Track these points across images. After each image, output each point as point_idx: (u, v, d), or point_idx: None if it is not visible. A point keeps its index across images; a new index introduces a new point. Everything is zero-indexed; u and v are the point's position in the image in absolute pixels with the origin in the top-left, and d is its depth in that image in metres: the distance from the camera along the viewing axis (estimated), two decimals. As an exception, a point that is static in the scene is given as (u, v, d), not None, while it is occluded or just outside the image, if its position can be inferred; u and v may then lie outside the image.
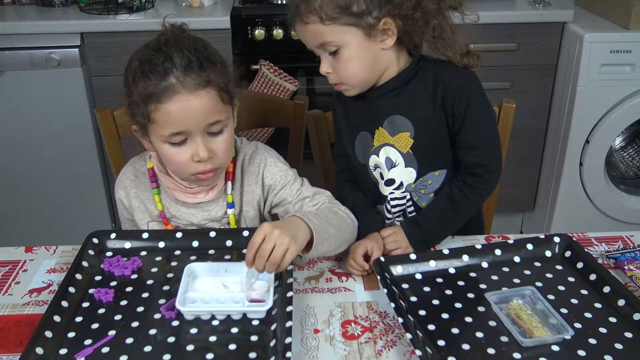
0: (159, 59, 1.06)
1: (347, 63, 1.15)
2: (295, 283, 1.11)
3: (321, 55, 1.17)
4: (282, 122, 1.61)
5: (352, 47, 1.13)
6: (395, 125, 1.22)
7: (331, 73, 1.18)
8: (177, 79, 1.04)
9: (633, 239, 1.26)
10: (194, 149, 1.09)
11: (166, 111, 1.06)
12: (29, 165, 2.39)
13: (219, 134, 1.12)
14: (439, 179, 1.25)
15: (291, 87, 2.27)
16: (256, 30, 2.23)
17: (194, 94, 1.05)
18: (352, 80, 1.18)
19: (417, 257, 1.13)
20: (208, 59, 1.08)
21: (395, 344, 0.98)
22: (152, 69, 1.05)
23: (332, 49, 1.14)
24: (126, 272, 1.10)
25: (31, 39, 2.20)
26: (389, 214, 1.30)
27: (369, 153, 1.27)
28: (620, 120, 2.33)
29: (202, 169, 1.12)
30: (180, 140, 1.09)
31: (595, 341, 0.94)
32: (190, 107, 1.06)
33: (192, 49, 1.07)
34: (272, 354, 0.91)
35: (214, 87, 1.07)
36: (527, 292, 1.03)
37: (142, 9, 2.33)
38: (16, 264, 1.19)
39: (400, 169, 1.25)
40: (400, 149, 1.23)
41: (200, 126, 1.08)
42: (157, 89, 1.05)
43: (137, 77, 1.07)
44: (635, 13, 2.19)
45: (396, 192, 1.27)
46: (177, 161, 1.12)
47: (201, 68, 1.06)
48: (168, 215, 1.24)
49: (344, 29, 1.11)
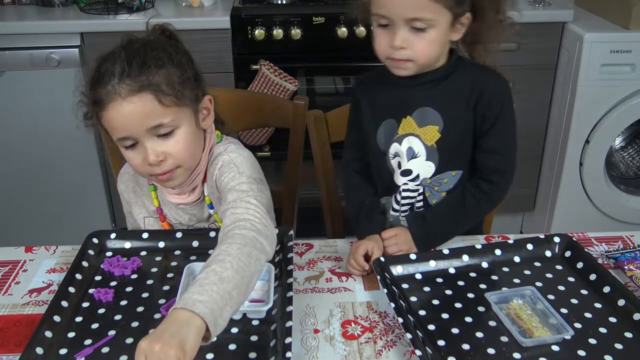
0: (103, 67, 1.07)
1: (430, 44, 1.14)
2: (295, 283, 1.11)
3: (397, 28, 1.12)
4: (282, 122, 1.61)
5: (440, 30, 1.13)
6: (425, 117, 1.22)
7: (406, 49, 1.14)
8: (113, 87, 1.05)
9: (633, 239, 1.26)
10: (144, 153, 1.09)
11: (107, 118, 1.08)
12: (29, 165, 2.39)
13: (169, 136, 1.10)
14: (454, 179, 1.25)
15: (291, 87, 2.27)
16: (256, 30, 2.23)
17: (127, 100, 1.05)
18: (424, 61, 1.17)
19: (417, 257, 1.13)
20: (147, 62, 1.06)
21: (395, 344, 0.98)
22: (96, 77, 1.08)
23: (421, 26, 1.11)
24: (126, 272, 1.10)
25: (31, 39, 2.20)
26: (397, 205, 1.29)
27: (392, 141, 1.26)
28: (620, 120, 2.33)
29: (157, 172, 1.11)
30: (130, 144, 1.10)
31: (595, 341, 0.94)
32: (125, 113, 1.06)
33: (134, 54, 1.07)
34: (272, 354, 0.91)
35: (149, 91, 1.05)
36: (527, 292, 1.03)
37: (142, 9, 2.32)
38: (16, 264, 1.19)
39: (420, 161, 1.24)
40: (425, 141, 1.23)
41: (142, 130, 1.07)
42: (98, 97, 1.07)
43: (87, 85, 1.10)
44: (635, 13, 2.19)
45: (410, 184, 1.26)
46: (133, 164, 1.13)
47: (138, 73, 1.05)
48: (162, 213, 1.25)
49: (442, 10, 1.11)
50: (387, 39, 1.15)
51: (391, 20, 1.12)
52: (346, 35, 2.24)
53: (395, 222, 1.30)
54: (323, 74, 2.43)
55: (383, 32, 1.15)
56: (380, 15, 1.13)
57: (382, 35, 1.16)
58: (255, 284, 0.93)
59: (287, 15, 2.25)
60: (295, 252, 1.19)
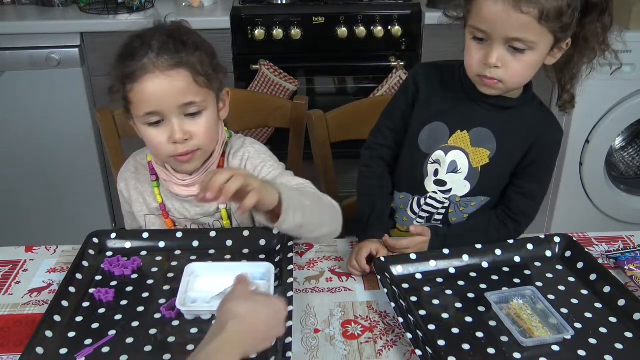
0: (137, 42, 1.10)
1: (527, 67, 1.08)
2: (296, 283, 1.11)
3: (494, 46, 1.06)
4: (282, 122, 1.61)
5: (538, 53, 1.06)
6: (481, 138, 1.19)
7: (500, 69, 1.07)
8: (150, 60, 1.07)
9: (633, 239, 1.26)
10: (170, 130, 1.11)
11: (140, 90, 1.08)
12: (29, 165, 2.39)
13: (197, 116, 1.13)
14: (481, 204, 1.24)
15: (291, 87, 2.27)
16: (256, 30, 2.23)
17: (165, 74, 1.08)
18: (516, 85, 1.13)
19: (417, 257, 1.13)
20: (184, 42, 1.11)
21: (396, 344, 0.98)
22: (130, 51, 1.09)
23: (520, 47, 1.04)
24: (126, 272, 1.10)
25: (31, 39, 2.20)
26: (417, 208, 1.27)
27: (437, 147, 1.22)
28: (620, 120, 2.33)
29: (180, 151, 1.13)
30: (155, 120, 1.11)
31: (595, 341, 0.94)
32: (162, 87, 1.08)
33: (170, 33, 1.11)
34: (272, 353, 0.91)
35: (187, 68, 1.09)
36: (528, 292, 1.03)
37: (142, 9, 2.32)
38: (16, 263, 1.19)
39: (459, 178, 1.21)
40: (473, 162, 1.20)
41: (173, 106, 1.09)
42: (132, 70, 1.08)
43: (117, 61, 1.11)
44: (635, 13, 2.19)
45: (439, 195, 1.24)
46: (155, 143, 1.13)
47: (176, 50, 1.09)
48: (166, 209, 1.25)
49: (546, 34, 1.04)
50: (481, 54, 1.08)
51: (489, 36, 1.05)
52: (346, 35, 2.24)
53: (409, 223, 1.29)
54: (323, 74, 2.43)
55: (478, 46, 1.08)
56: (480, 29, 1.06)
57: (477, 50, 1.08)
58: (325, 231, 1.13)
59: (287, 15, 2.25)
60: (295, 252, 1.19)
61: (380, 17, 2.23)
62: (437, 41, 2.24)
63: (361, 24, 2.23)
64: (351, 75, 2.43)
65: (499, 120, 1.18)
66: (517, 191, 1.23)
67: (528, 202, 1.23)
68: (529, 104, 1.20)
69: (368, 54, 2.31)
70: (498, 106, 1.18)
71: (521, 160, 1.20)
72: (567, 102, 1.20)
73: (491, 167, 1.20)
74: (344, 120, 1.58)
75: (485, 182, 1.21)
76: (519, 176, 1.22)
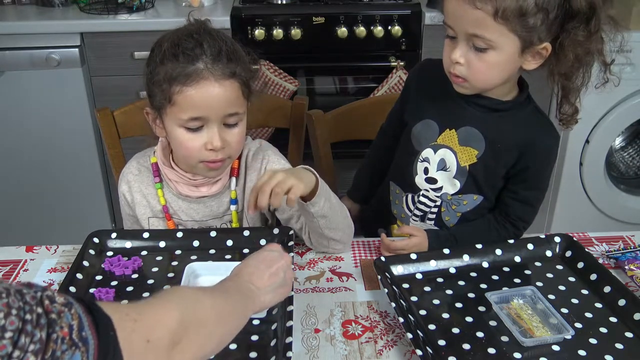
0: (190, 43, 1.09)
1: (489, 67, 1.08)
2: (296, 283, 1.11)
3: (459, 42, 1.09)
4: (282, 122, 1.61)
5: (503, 54, 1.06)
6: (469, 138, 1.19)
7: (462, 65, 1.09)
8: (206, 66, 1.07)
9: (633, 239, 1.26)
10: (209, 137, 1.11)
11: (189, 95, 1.08)
12: (29, 165, 2.38)
13: (234, 126, 1.14)
14: (474, 202, 1.24)
15: (291, 87, 2.27)
16: (256, 30, 2.23)
17: (219, 83, 1.08)
18: (480, 84, 1.13)
19: (418, 257, 1.13)
20: (235, 52, 1.12)
21: (396, 344, 0.98)
22: (183, 52, 1.08)
23: (481, 45, 1.06)
24: (127, 272, 1.11)
25: (31, 39, 2.20)
26: (412, 205, 1.28)
27: (427, 144, 1.23)
28: (620, 120, 2.33)
29: (212, 158, 1.13)
30: (196, 126, 1.11)
31: (595, 341, 0.94)
32: (213, 95, 1.08)
33: (222, 40, 1.11)
34: (273, 353, 0.91)
35: (238, 79, 1.11)
36: (528, 292, 1.03)
37: (142, 9, 2.32)
38: (17, 263, 1.19)
39: (448, 177, 1.22)
40: (460, 160, 1.21)
41: (219, 115, 1.10)
42: (184, 72, 1.07)
43: (165, 57, 1.09)
44: (635, 13, 2.19)
45: (431, 193, 1.25)
46: (189, 147, 1.13)
47: (229, 59, 1.10)
48: (170, 211, 1.25)
49: (507, 34, 1.04)
50: (449, 51, 1.11)
51: (456, 32, 1.08)
52: (346, 35, 2.24)
53: (406, 221, 1.31)
54: (323, 74, 2.43)
55: (449, 43, 1.11)
56: (447, 25, 1.09)
57: (447, 47, 1.12)
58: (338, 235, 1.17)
59: (287, 15, 2.25)
60: (295, 251, 1.19)
61: (380, 17, 2.23)
62: (437, 41, 2.23)
63: (361, 24, 2.23)
64: (351, 75, 2.43)
65: (489, 121, 1.18)
66: (513, 197, 1.23)
67: (525, 208, 1.23)
68: (522, 108, 1.19)
69: (368, 54, 2.31)
70: (488, 107, 1.18)
71: (514, 164, 1.19)
72: (568, 116, 1.18)
73: (479, 166, 1.20)
74: (344, 120, 1.58)
75: (474, 181, 1.22)
76: (514, 182, 1.22)
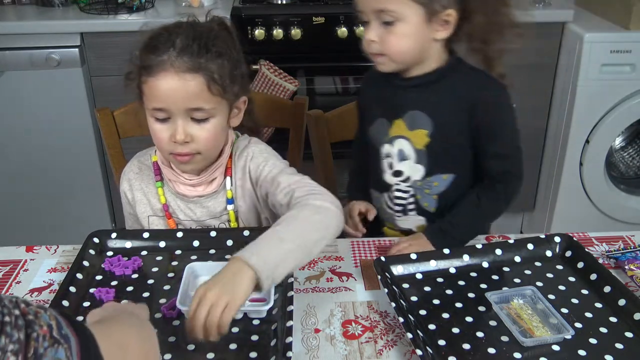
0: (163, 36, 1.11)
1: (399, 38, 1.13)
2: (296, 283, 1.11)
3: (370, 22, 1.15)
4: (282, 122, 1.61)
5: (410, 24, 1.12)
6: (415, 121, 1.22)
7: (376, 42, 1.15)
8: (169, 58, 1.08)
9: (633, 238, 1.26)
10: (173, 130, 1.12)
11: (153, 85, 1.09)
12: (29, 165, 2.38)
13: (203, 122, 1.13)
14: (445, 182, 1.25)
15: (291, 87, 2.27)
16: (256, 30, 2.23)
17: (179, 76, 1.08)
18: (396, 56, 1.17)
19: (418, 256, 1.13)
20: (208, 46, 1.11)
21: (396, 344, 0.98)
22: (154, 43, 1.10)
23: (388, 19, 1.12)
24: (127, 272, 1.11)
25: (31, 39, 2.20)
26: (390, 202, 1.31)
27: (384, 141, 1.27)
28: (620, 120, 2.33)
29: (178, 151, 1.14)
30: (162, 117, 1.12)
31: (595, 341, 0.94)
32: (173, 87, 1.08)
33: (198, 36, 1.11)
34: (273, 353, 0.91)
35: (203, 74, 1.09)
36: (528, 292, 1.03)
37: (142, 9, 2.32)
38: (17, 263, 1.19)
39: (410, 164, 1.25)
40: (415, 145, 1.23)
41: (181, 108, 1.10)
42: (150, 63, 1.09)
43: (142, 49, 1.12)
44: (635, 13, 2.19)
45: (402, 185, 1.28)
46: (159, 137, 1.14)
47: (198, 54, 1.09)
48: (169, 211, 1.25)
49: (409, 4, 1.10)
50: (365, 34, 1.16)
51: (365, 14, 1.14)
52: (346, 35, 2.24)
53: (390, 219, 1.33)
54: (323, 74, 2.43)
55: (364, 29, 1.17)
56: (357, 10, 1.15)
57: (364, 32, 1.17)
58: (322, 245, 0.99)
59: (287, 15, 2.25)
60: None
61: (380, 17, 2.23)
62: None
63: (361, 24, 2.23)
64: (351, 75, 2.43)
65: (426, 98, 1.20)
66: (485, 158, 1.23)
67: (502, 161, 1.22)
68: (457, 72, 1.20)
69: (368, 54, 2.31)
70: (421, 85, 1.20)
71: (469, 126, 1.20)
72: None
73: (435, 144, 1.21)
74: (344, 120, 1.58)
75: (435, 160, 1.23)
76: (479, 143, 1.22)
